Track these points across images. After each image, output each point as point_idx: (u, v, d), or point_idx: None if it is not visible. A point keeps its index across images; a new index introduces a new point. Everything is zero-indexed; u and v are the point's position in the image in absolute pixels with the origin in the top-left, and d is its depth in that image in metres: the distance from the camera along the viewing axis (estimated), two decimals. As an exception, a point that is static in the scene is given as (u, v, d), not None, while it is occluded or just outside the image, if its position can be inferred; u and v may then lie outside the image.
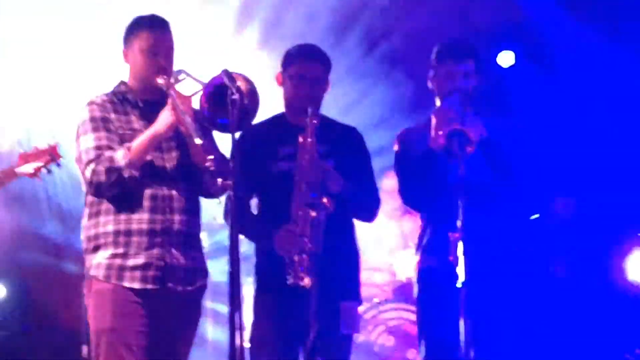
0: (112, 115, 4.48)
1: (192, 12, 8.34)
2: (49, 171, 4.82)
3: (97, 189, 4.37)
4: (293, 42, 5.07)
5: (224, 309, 6.66)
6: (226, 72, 4.13)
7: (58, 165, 4.76)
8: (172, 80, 4.42)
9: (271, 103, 4.79)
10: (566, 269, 8.36)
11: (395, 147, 5.00)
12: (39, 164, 5.05)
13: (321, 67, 4.91)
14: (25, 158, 5.15)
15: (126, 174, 4.29)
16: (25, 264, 8.45)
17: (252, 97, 4.22)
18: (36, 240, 8.55)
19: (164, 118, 4.32)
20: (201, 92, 4.31)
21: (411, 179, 4.80)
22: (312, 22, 8.49)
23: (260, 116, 4.45)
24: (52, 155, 4.83)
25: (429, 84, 4.97)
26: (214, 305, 7.90)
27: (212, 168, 4.08)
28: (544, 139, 8.21)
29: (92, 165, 4.34)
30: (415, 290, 4.95)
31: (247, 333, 4.80)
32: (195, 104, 4.37)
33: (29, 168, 5.12)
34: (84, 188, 4.48)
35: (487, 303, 4.60)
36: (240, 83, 4.11)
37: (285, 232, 4.63)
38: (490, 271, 4.70)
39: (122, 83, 4.62)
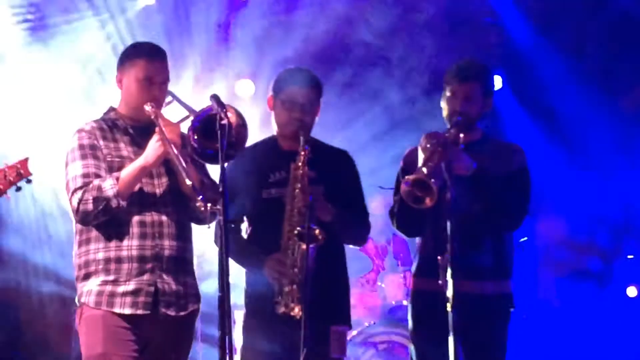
0: (101, 143, 4.47)
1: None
2: (18, 188, 4.64)
3: (83, 218, 4.36)
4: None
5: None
6: (215, 98, 4.13)
7: (28, 181, 4.60)
8: (160, 106, 4.42)
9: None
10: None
11: (401, 165, 4.95)
12: (9, 180, 4.62)
13: (313, 92, 4.89)
14: None
15: (113, 204, 4.28)
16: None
17: (240, 129, 4.21)
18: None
19: (153, 150, 4.29)
20: (190, 119, 4.30)
21: (402, 203, 4.71)
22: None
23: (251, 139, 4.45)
24: (21, 171, 4.65)
25: (442, 104, 4.88)
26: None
27: (201, 209, 4.04)
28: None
29: (78, 194, 4.33)
30: (409, 313, 4.95)
31: (237, 357, 4.81)
32: (184, 128, 4.38)
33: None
34: (72, 216, 4.47)
35: (477, 326, 4.60)
36: (229, 113, 4.09)
37: (275, 262, 4.63)
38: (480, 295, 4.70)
39: (112, 109, 4.61)
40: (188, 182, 4.10)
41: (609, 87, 8.73)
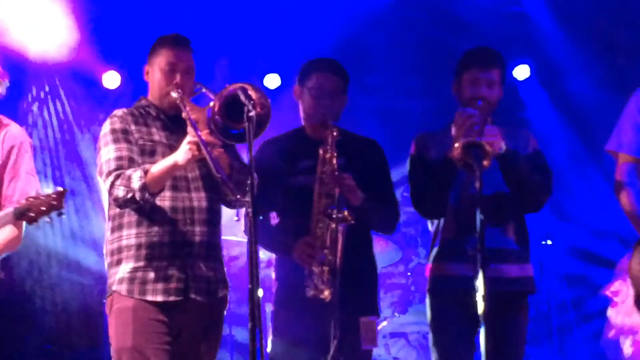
0: (133, 127, 4.53)
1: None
2: (49, 220, 4.59)
3: (115, 202, 4.42)
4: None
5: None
6: (241, 87, 4.15)
7: (59, 214, 4.56)
8: (187, 96, 4.45)
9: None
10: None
11: (412, 150, 4.95)
12: (41, 210, 4.53)
13: (339, 80, 4.92)
14: (32, 203, 4.57)
15: (138, 197, 4.31)
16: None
17: (263, 107, 4.22)
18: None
19: (184, 153, 4.28)
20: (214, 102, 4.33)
21: (424, 185, 4.77)
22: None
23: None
24: (55, 202, 4.61)
25: (453, 91, 4.91)
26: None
27: (232, 197, 4.07)
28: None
29: (111, 178, 4.39)
30: (427, 299, 4.93)
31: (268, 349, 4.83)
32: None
33: (31, 213, 4.57)
34: (104, 202, 4.51)
35: (501, 309, 4.60)
36: (252, 94, 4.12)
37: (304, 244, 4.65)
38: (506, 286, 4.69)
39: (143, 98, 4.69)
40: (217, 174, 4.11)
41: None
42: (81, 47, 8.26)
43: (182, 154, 4.29)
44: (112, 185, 4.38)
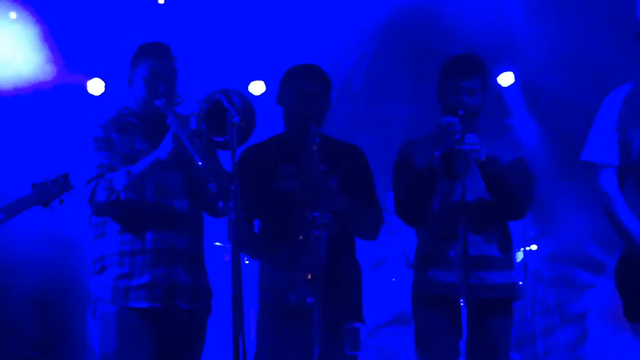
0: (115, 136, 4.53)
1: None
2: (61, 201, 4.81)
3: (96, 208, 4.43)
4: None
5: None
6: (224, 93, 4.15)
7: (70, 194, 4.76)
8: (170, 104, 4.46)
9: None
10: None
11: (396, 158, 4.96)
12: (52, 193, 4.89)
13: (322, 85, 4.92)
14: (38, 188, 4.95)
15: (123, 196, 4.32)
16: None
17: (248, 115, 4.23)
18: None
19: (165, 145, 4.34)
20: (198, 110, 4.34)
21: (408, 193, 4.79)
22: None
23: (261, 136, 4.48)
24: (64, 184, 4.81)
25: (437, 97, 4.91)
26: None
27: (214, 190, 4.09)
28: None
29: (92, 184, 4.40)
30: (411, 305, 4.94)
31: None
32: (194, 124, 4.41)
33: (41, 199, 4.94)
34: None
35: (485, 316, 4.63)
36: (236, 100, 4.13)
37: (287, 250, 4.64)
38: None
39: (125, 108, 4.69)
40: (200, 163, 4.13)
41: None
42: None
43: (164, 146, 4.32)
44: (93, 190, 4.38)
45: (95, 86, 8.71)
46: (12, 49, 8.10)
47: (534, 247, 8.35)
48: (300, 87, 4.86)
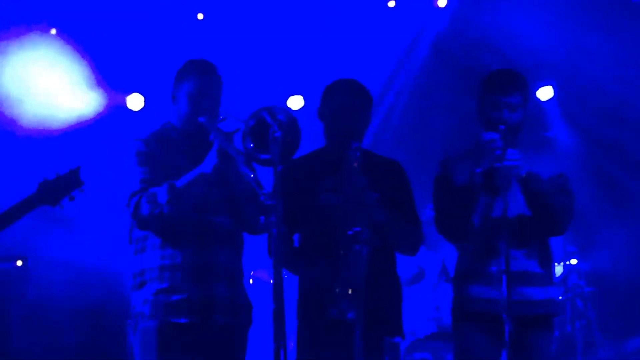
0: (157, 151, 4.56)
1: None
2: (72, 197, 4.63)
3: (140, 222, 4.46)
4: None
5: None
6: (268, 109, 4.17)
7: (81, 190, 4.60)
8: (214, 120, 4.48)
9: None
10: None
11: (437, 173, 4.95)
12: (60, 190, 4.62)
13: (362, 100, 4.91)
14: (45, 185, 4.65)
15: (166, 210, 4.35)
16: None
17: (293, 131, 4.24)
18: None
19: (210, 159, 4.37)
20: (242, 129, 4.36)
21: (449, 209, 4.79)
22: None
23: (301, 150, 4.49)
24: (73, 180, 4.66)
25: (476, 112, 4.90)
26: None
27: (266, 202, 4.09)
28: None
29: (135, 199, 4.43)
30: (452, 320, 4.93)
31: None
32: (237, 141, 4.43)
33: (48, 197, 4.65)
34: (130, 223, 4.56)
35: (527, 332, 4.62)
36: (281, 117, 4.15)
37: (328, 265, 4.65)
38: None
39: (167, 123, 4.72)
40: (252, 175, 4.15)
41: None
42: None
43: (209, 162, 4.35)
44: (137, 204, 4.41)
45: (135, 101, 8.78)
46: (59, 85, 8.20)
47: (574, 261, 8.31)
48: (342, 102, 4.86)
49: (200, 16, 8.68)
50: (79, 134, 8.38)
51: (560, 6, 8.54)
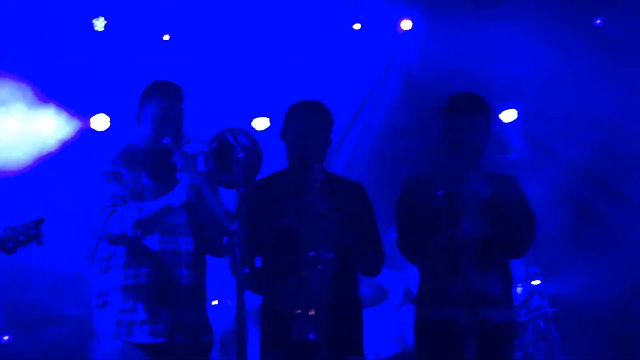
0: (123, 170, 4.58)
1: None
2: (30, 247, 4.56)
3: (107, 237, 4.47)
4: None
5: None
6: (230, 130, 4.19)
7: (39, 243, 4.54)
8: (177, 142, 4.50)
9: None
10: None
11: (400, 195, 4.98)
12: (20, 240, 4.51)
13: (325, 123, 4.94)
14: (7, 235, 4.54)
15: (130, 233, 4.36)
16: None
17: (255, 153, 4.27)
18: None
19: (179, 193, 4.37)
20: (205, 151, 4.38)
21: (411, 230, 4.83)
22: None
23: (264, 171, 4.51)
24: (33, 232, 4.49)
25: (440, 135, 4.94)
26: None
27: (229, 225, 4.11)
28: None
29: (106, 212, 4.44)
30: (414, 341, 4.96)
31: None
32: (200, 163, 4.44)
33: (5, 245, 4.54)
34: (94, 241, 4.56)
35: (487, 354, 4.65)
36: (243, 139, 4.17)
37: (290, 286, 4.66)
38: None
39: (131, 144, 4.73)
40: (232, 228, 4.15)
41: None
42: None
43: (177, 196, 4.34)
44: (105, 220, 4.42)
45: (100, 122, 8.76)
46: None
47: (536, 282, 8.35)
48: (303, 124, 4.89)
49: (166, 37, 8.68)
50: (46, 162, 8.36)
51: (524, 27, 8.61)
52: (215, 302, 7.65)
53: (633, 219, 8.69)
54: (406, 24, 9.13)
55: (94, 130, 8.73)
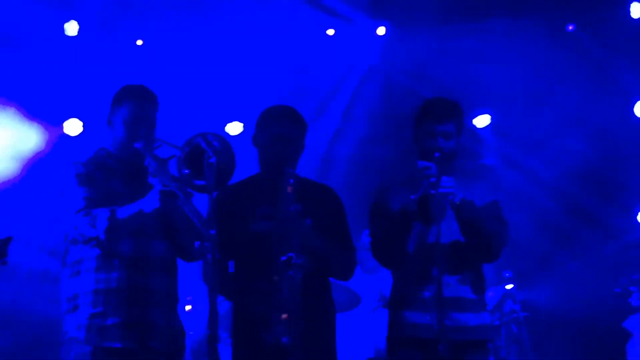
0: (95, 174, 4.56)
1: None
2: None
3: (80, 238, 4.45)
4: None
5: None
6: (202, 135, 4.19)
7: (3, 263, 4.47)
8: (149, 147, 4.49)
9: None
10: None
11: (373, 200, 4.97)
12: None
13: (297, 127, 4.94)
14: None
15: (102, 237, 4.34)
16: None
17: (227, 157, 4.27)
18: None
19: (151, 200, 4.33)
20: (177, 155, 4.37)
21: (384, 235, 4.83)
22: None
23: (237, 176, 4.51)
24: (1, 251, 4.54)
25: (413, 141, 4.94)
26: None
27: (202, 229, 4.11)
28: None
29: (80, 214, 4.43)
30: (387, 345, 4.95)
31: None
32: (172, 167, 4.44)
33: None
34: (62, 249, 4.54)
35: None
36: (216, 143, 4.17)
37: (262, 291, 4.66)
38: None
39: (102, 149, 4.72)
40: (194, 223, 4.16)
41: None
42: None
43: (150, 202, 4.32)
44: (80, 222, 4.40)
45: (72, 127, 8.73)
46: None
47: (509, 286, 8.39)
48: (275, 129, 4.88)
49: (139, 42, 8.68)
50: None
51: (495, 35, 8.67)
52: (188, 308, 7.64)
53: (600, 234, 8.79)
54: (381, 30, 9.16)
55: (67, 135, 8.70)
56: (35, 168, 8.25)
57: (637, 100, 8.93)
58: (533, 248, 9.03)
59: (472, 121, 9.15)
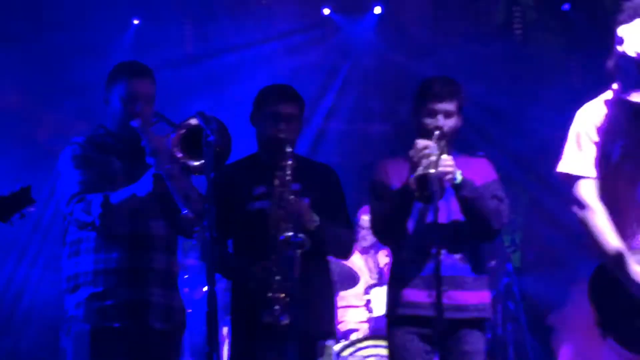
0: (93, 154, 4.53)
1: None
2: (22, 215, 4.61)
3: (77, 224, 4.43)
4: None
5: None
6: (201, 114, 4.17)
7: (31, 208, 4.57)
8: (147, 123, 4.47)
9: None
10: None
11: (373, 177, 4.98)
12: (11, 207, 4.50)
13: (295, 106, 4.93)
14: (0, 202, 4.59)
15: (98, 223, 4.33)
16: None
17: (224, 137, 4.26)
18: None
19: (146, 184, 4.31)
20: (174, 134, 4.35)
21: (384, 212, 4.83)
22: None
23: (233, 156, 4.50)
24: (24, 198, 4.62)
25: (412, 118, 4.93)
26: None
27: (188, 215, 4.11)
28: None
29: (74, 200, 4.40)
30: (386, 323, 4.97)
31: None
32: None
33: (3, 212, 4.55)
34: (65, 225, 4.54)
35: (459, 336, 4.71)
36: (213, 123, 4.15)
37: (260, 270, 4.67)
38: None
39: (101, 126, 4.68)
40: (181, 209, 4.15)
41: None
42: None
43: (143, 186, 4.31)
44: (74, 208, 4.39)
45: None
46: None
47: (506, 264, 8.41)
48: (274, 108, 4.88)
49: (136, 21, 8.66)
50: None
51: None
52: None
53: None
54: (377, 9, 9.15)
55: None
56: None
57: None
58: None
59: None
